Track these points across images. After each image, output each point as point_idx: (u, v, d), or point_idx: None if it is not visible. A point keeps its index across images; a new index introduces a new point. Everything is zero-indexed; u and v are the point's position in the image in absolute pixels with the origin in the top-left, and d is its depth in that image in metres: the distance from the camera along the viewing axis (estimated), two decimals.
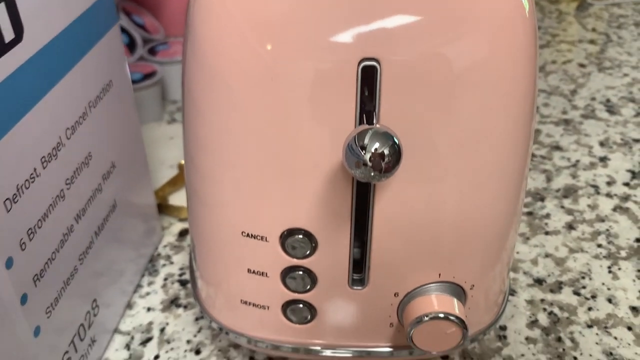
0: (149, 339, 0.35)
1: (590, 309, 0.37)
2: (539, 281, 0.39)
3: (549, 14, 0.78)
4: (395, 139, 0.21)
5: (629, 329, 0.36)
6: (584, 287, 0.39)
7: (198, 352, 0.35)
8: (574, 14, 0.78)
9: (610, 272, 0.40)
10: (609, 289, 0.38)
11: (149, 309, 0.37)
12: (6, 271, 0.24)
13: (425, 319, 0.27)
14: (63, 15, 0.27)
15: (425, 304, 0.27)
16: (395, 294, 0.28)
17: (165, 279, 0.39)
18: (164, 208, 0.44)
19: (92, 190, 0.31)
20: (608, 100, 0.59)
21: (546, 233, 0.43)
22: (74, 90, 0.28)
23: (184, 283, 0.39)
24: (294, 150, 0.25)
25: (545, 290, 0.38)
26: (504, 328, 0.36)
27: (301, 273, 0.28)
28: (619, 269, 0.40)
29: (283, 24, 0.23)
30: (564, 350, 0.35)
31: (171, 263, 0.40)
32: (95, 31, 0.30)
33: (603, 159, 0.50)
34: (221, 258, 0.29)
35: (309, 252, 0.27)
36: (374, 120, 0.23)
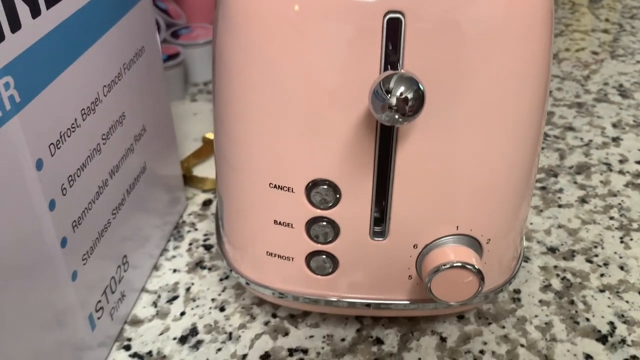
0: (175, 297, 0.37)
1: (602, 275, 0.38)
2: (552, 249, 0.40)
3: (562, 4, 0.79)
4: (419, 84, 0.23)
5: None
6: (597, 256, 0.40)
7: (222, 309, 0.36)
8: (587, 5, 0.79)
9: (622, 242, 0.41)
10: (620, 257, 0.39)
11: (175, 271, 0.39)
12: (49, 212, 0.26)
13: (444, 267, 0.28)
14: None
15: (443, 255, 0.29)
16: (414, 246, 0.29)
17: (190, 244, 0.41)
18: (188, 179, 0.46)
19: (125, 150, 0.33)
20: (621, 85, 0.60)
21: (559, 206, 0.44)
22: (111, 50, 0.30)
23: (208, 247, 0.40)
24: (320, 103, 0.26)
25: (559, 257, 0.39)
26: (517, 291, 0.37)
27: (325, 224, 0.29)
28: (631, 239, 0.41)
29: None
30: (576, 312, 0.36)
31: (195, 229, 0.42)
32: None
33: (615, 139, 0.51)
34: (250, 211, 0.30)
35: (332, 203, 0.28)
36: (399, 69, 0.25)
